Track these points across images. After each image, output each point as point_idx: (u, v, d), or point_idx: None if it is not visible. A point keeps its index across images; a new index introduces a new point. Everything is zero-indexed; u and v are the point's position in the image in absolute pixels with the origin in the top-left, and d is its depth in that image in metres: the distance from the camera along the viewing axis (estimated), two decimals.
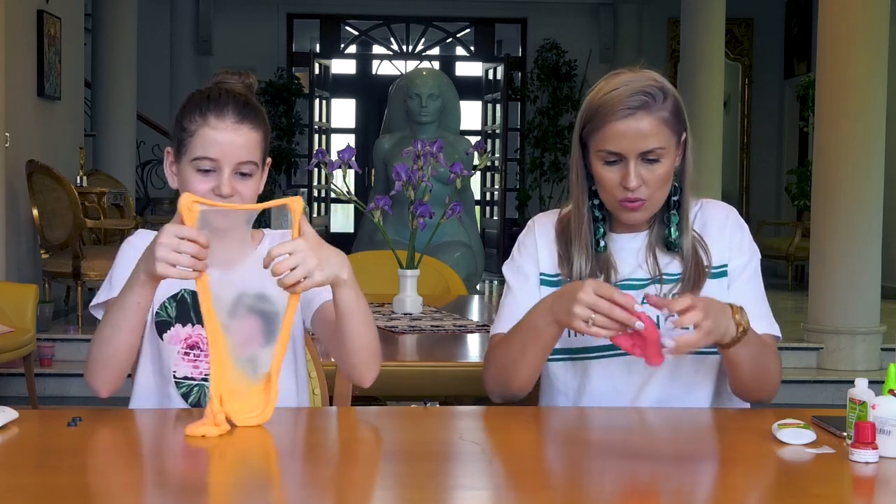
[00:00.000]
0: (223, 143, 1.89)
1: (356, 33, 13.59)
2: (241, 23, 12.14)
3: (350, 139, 14.63)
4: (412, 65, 13.08)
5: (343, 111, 15.29)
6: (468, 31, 13.46)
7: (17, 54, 6.59)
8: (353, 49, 14.17)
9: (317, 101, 11.85)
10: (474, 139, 4.96)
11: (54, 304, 7.04)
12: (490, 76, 12.30)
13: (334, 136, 12.87)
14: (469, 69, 14.23)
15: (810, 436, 1.66)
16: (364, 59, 15.55)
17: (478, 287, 8.50)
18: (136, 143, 10.02)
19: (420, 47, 13.72)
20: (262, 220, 8.22)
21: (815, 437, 1.66)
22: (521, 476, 1.56)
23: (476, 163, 3.74)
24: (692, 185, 2.02)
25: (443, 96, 7.93)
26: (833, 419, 1.76)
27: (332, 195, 11.57)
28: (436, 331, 3.04)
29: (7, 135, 6.04)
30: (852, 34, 6.42)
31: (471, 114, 11.84)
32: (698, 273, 2.00)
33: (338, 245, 1.86)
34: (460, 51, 14.43)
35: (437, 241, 6.92)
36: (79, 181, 7.63)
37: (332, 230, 12.82)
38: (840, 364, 6.55)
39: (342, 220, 15.54)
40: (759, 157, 12.30)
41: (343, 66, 15.11)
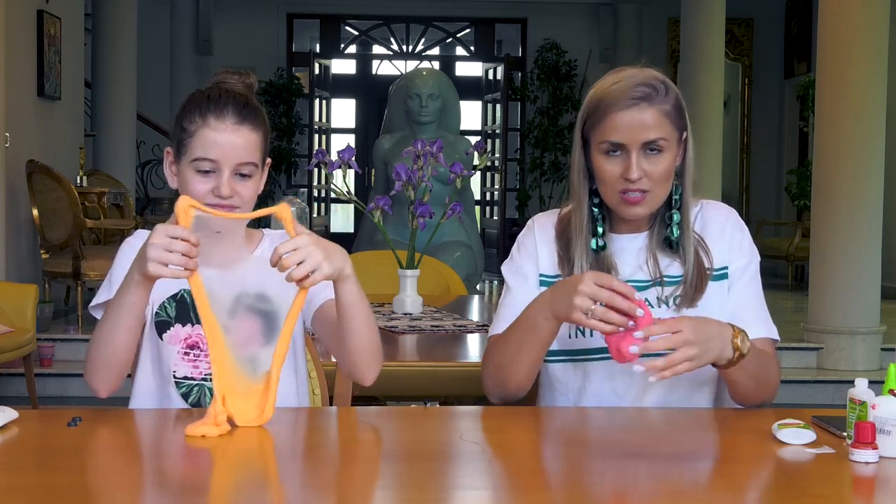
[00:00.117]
0: (223, 145, 1.90)
1: (356, 33, 13.59)
2: (241, 23, 12.14)
3: (350, 139, 14.62)
4: (412, 65, 13.08)
5: (343, 111, 15.28)
6: (468, 31, 13.46)
7: (17, 54, 6.59)
8: (353, 49, 14.17)
9: (317, 101, 11.84)
10: (474, 139, 4.96)
11: (54, 304, 7.04)
12: (490, 76, 12.30)
13: (334, 136, 12.86)
14: (469, 69, 14.22)
15: (810, 436, 1.66)
16: (364, 59, 15.54)
17: (478, 287, 8.50)
18: (136, 143, 10.02)
19: (420, 47, 13.71)
20: (263, 220, 8.21)
21: (815, 437, 1.66)
22: (521, 476, 1.56)
23: (476, 163, 3.74)
24: (693, 185, 2.02)
25: (443, 96, 7.93)
26: (833, 419, 1.76)
27: (332, 195, 11.57)
28: (436, 331, 3.04)
29: (7, 135, 6.04)
30: (852, 34, 6.42)
31: (471, 114, 11.83)
32: (700, 276, 1.99)
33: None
34: (460, 51, 14.43)
35: (437, 241, 6.92)
36: (79, 181, 7.63)
37: (332, 230, 12.82)
38: (840, 364, 6.55)
39: (342, 220, 15.54)
40: (759, 157, 12.29)
41: (343, 66, 15.10)
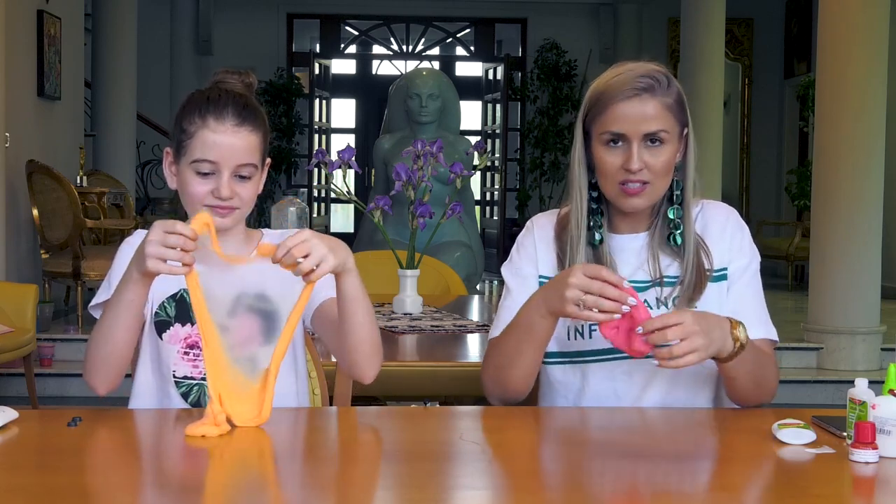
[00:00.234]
0: (222, 146, 1.89)
1: (356, 33, 13.59)
2: (241, 23, 12.14)
3: (350, 139, 14.62)
4: (412, 65, 13.08)
5: (343, 111, 15.28)
6: (468, 31, 13.46)
7: (17, 54, 6.59)
8: (353, 49, 14.17)
9: (317, 101, 11.84)
10: (474, 139, 4.96)
11: (54, 304, 7.04)
12: (490, 76, 12.29)
13: (334, 136, 12.86)
14: (469, 69, 14.22)
15: (810, 436, 1.66)
16: (364, 59, 15.54)
17: (478, 287, 8.49)
18: (136, 143, 10.02)
19: (420, 47, 13.71)
20: (263, 220, 8.22)
21: (815, 437, 1.66)
22: (521, 476, 1.56)
23: (476, 163, 3.74)
24: (693, 184, 2.01)
25: (443, 96, 7.93)
26: (833, 419, 1.76)
27: (332, 195, 11.57)
28: (436, 331, 3.04)
29: (7, 135, 6.04)
30: (852, 34, 6.42)
31: (471, 114, 11.83)
32: (699, 277, 1.98)
33: None
34: (460, 51, 14.42)
35: (437, 241, 6.92)
36: (79, 181, 7.63)
37: (332, 230, 12.82)
38: (840, 364, 6.54)
39: (342, 220, 15.55)
40: (759, 157, 12.29)
41: (343, 66, 15.10)
